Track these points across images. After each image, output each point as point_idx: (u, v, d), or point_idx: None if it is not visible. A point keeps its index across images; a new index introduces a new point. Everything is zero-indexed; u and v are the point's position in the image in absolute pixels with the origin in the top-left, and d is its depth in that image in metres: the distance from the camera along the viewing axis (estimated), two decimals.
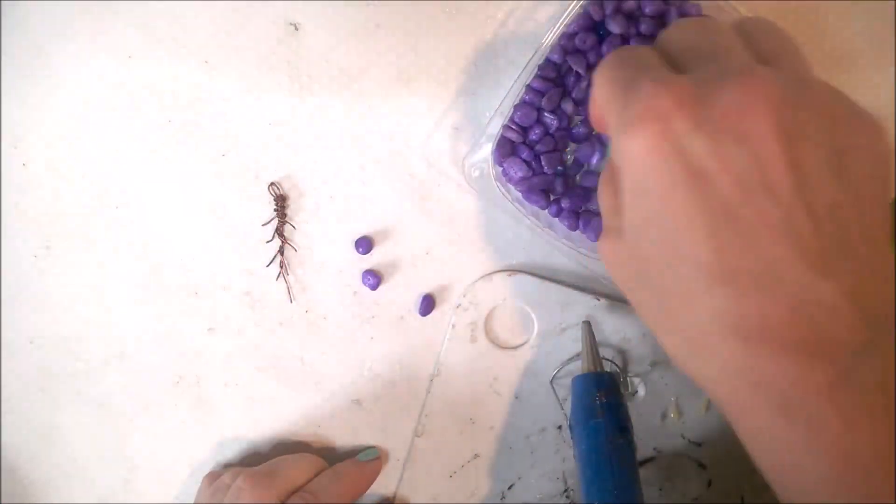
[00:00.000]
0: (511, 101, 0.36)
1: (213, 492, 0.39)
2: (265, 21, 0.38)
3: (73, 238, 0.40)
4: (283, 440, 0.43)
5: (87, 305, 0.41)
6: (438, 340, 0.41)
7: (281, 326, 0.41)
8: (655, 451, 0.42)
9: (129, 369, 0.42)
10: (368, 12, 0.38)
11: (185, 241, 0.41)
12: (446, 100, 0.39)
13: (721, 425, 0.41)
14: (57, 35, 0.38)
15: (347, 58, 0.39)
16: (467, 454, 0.42)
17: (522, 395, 0.42)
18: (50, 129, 0.39)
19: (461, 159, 0.38)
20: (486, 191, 0.38)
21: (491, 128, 0.37)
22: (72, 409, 0.42)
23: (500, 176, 0.37)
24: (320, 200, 0.40)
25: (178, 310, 0.41)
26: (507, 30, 0.38)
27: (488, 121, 0.37)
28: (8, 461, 0.42)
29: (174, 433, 0.42)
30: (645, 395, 0.41)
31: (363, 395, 0.42)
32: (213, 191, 0.40)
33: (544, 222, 0.38)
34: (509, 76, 0.38)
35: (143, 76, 0.39)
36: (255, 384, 0.42)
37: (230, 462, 0.43)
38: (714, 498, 0.42)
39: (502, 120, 0.36)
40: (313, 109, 0.39)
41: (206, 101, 0.39)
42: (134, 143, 0.39)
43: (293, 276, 0.41)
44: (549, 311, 0.41)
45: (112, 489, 0.43)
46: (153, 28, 0.38)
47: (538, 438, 0.42)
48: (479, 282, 0.41)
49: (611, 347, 0.41)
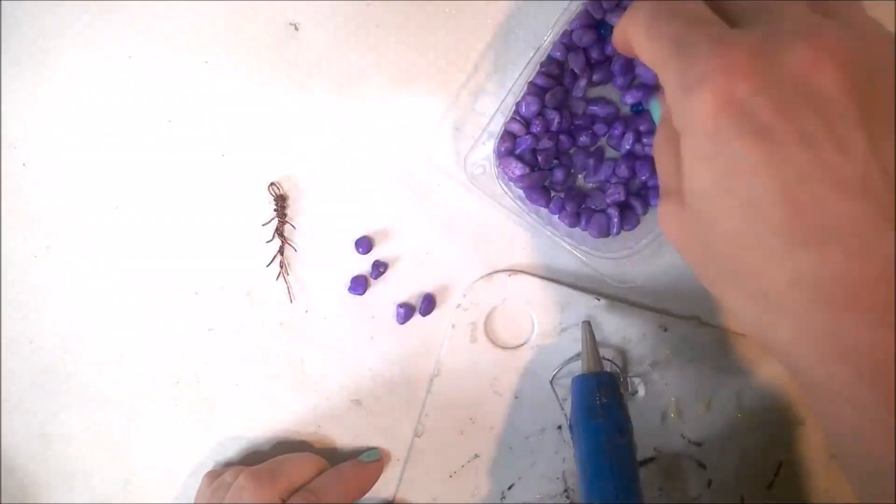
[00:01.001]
0: (513, 98, 0.36)
1: (213, 490, 0.39)
2: (265, 21, 0.38)
3: (73, 238, 0.40)
4: (283, 440, 0.43)
5: (87, 305, 0.41)
6: (438, 340, 0.41)
7: (281, 326, 0.41)
8: (655, 451, 0.42)
9: (129, 369, 0.42)
10: (368, 12, 0.38)
11: (185, 241, 0.41)
12: (446, 100, 0.39)
13: (721, 425, 0.41)
14: (57, 35, 0.38)
15: (347, 58, 0.39)
16: (467, 454, 0.42)
17: (522, 395, 0.42)
18: (50, 129, 0.39)
19: (463, 157, 0.38)
20: (487, 188, 0.38)
21: (493, 125, 0.37)
22: (72, 409, 0.42)
23: (502, 174, 0.37)
24: (320, 200, 0.40)
25: (178, 310, 0.41)
26: (507, 30, 0.38)
27: (490, 118, 0.37)
28: (8, 461, 0.42)
29: (174, 433, 0.42)
30: (645, 395, 0.41)
31: (363, 395, 0.42)
32: (213, 191, 0.40)
33: (545, 220, 0.38)
34: (509, 76, 0.38)
35: (143, 76, 0.39)
36: (255, 384, 0.42)
37: (230, 462, 0.43)
38: (714, 498, 0.42)
39: (504, 118, 0.36)
40: (313, 109, 0.39)
41: (206, 101, 0.39)
42: (134, 143, 0.39)
43: (293, 276, 0.41)
44: (549, 311, 0.41)
45: (112, 489, 0.43)
46: (153, 28, 0.38)
47: (538, 438, 0.42)
48: (479, 282, 0.41)
49: (611, 347, 0.41)
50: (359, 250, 0.40)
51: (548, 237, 0.38)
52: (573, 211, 0.38)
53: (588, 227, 0.37)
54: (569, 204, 0.38)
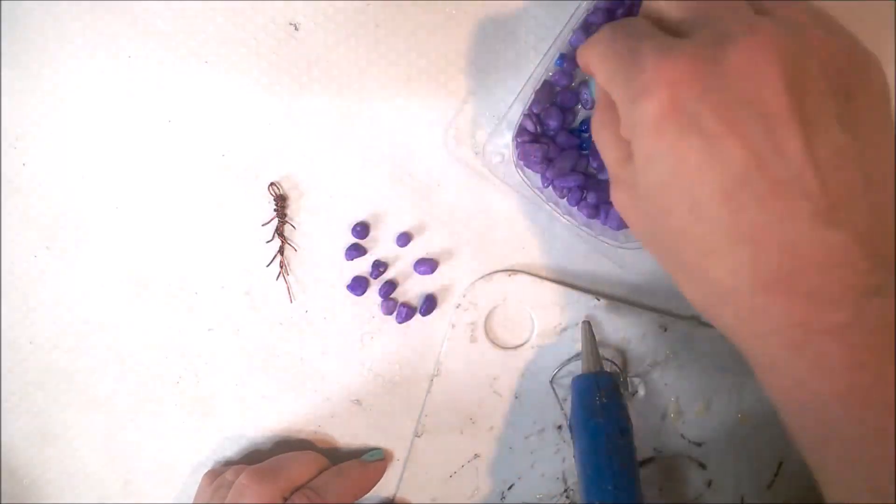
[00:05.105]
0: (532, 86, 0.36)
1: (214, 489, 0.39)
2: (265, 21, 0.38)
3: (73, 238, 0.40)
4: (283, 440, 0.43)
5: (87, 305, 0.41)
6: (438, 340, 0.41)
7: (281, 326, 0.41)
8: (655, 451, 0.42)
9: (129, 369, 0.42)
10: (368, 12, 0.38)
11: (185, 241, 0.41)
12: (446, 100, 0.39)
13: (721, 425, 0.41)
14: (57, 35, 0.38)
15: (347, 58, 0.39)
16: (467, 454, 0.42)
17: (522, 395, 0.42)
18: (50, 129, 0.39)
19: (481, 146, 0.38)
20: (507, 177, 0.38)
21: (511, 113, 0.37)
22: (72, 409, 0.42)
23: (519, 162, 0.37)
24: (320, 200, 0.40)
25: (178, 310, 0.41)
26: (508, 30, 0.38)
27: (509, 106, 0.37)
28: (8, 461, 0.42)
29: (174, 433, 0.42)
30: (645, 395, 0.41)
31: (363, 395, 0.42)
32: (213, 191, 0.40)
33: (563, 210, 0.38)
34: (511, 76, 0.38)
35: (143, 76, 0.39)
36: (255, 384, 0.42)
37: (230, 461, 0.43)
38: (714, 498, 0.42)
39: (522, 106, 0.36)
40: (314, 109, 0.39)
41: (206, 101, 0.39)
42: (134, 143, 0.39)
43: (293, 276, 0.41)
44: (549, 311, 0.41)
45: (112, 489, 0.43)
46: (153, 28, 0.38)
47: (538, 438, 0.42)
48: (479, 282, 0.41)
49: (611, 347, 0.41)
50: (359, 250, 0.40)
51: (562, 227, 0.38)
52: (593, 202, 0.38)
53: (608, 220, 0.37)
54: (590, 195, 0.38)
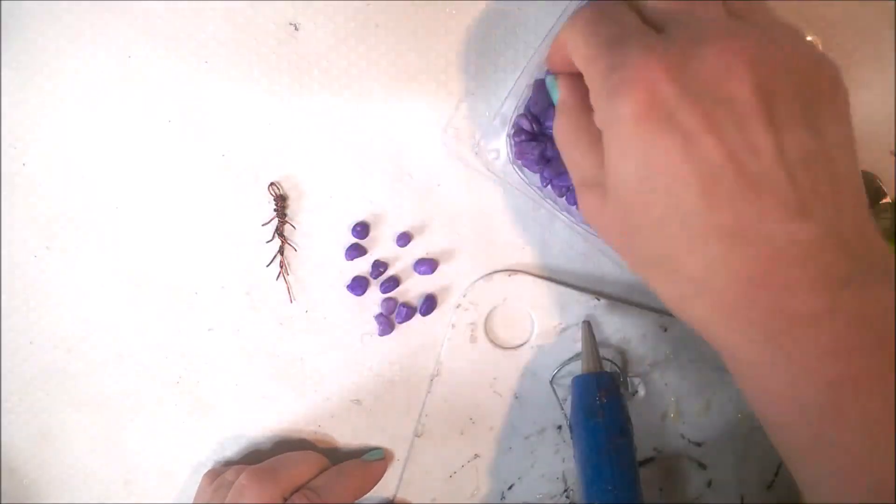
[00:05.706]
0: (525, 81, 0.36)
1: (215, 489, 0.39)
2: (265, 21, 0.38)
3: (73, 238, 0.40)
4: (283, 440, 0.43)
5: (87, 305, 0.41)
6: (438, 340, 0.41)
7: (281, 326, 0.41)
8: (655, 451, 0.42)
9: (129, 369, 0.42)
10: (368, 12, 0.38)
11: (185, 241, 0.40)
12: (446, 100, 0.39)
13: (721, 425, 0.41)
14: (57, 35, 0.38)
15: (347, 58, 0.39)
16: (467, 454, 0.42)
17: (522, 395, 0.42)
18: (50, 129, 0.39)
19: (476, 143, 0.38)
20: (506, 175, 0.38)
21: (505, 108, 0.36)
22: (72, 409, 0.42)
23: (517, 160, 0.37)
24: (320, 200, 0.40)
25: (178, 310, 0.41)
26: (508, 30, 0.38)
27: (502, 101, 0.37)
28: (8, 461, 0.42)
29: (174, 433, 0.42)
30: (645, 395, 0.41)
31: (363, 395, 0.42)
32: (213, 191, 0.40)
33: (562, 207, 0.38)
34: (510, 76, 0.38)
35: (143, 76, 0.39)
36: (255, 384, 0.42)
37: (230, 461, 0.43)
38: (714, 498, 0.42)
39: (516, 102, 0.36)
40: (313, 109, 0.39)
41: (206, 101, 0.39)
42: (134, 143, 0.39)
43: (293, 276, 0.41)
44: (549, 311, 0.41)
45: (112, 489, 0.43)
46: (153, 28, 0.38)
47: (538, 438, 0.42)
48: (479, 282, 0.41)
49: (611, 347, 0.41)
50: (359, 250, 0.40)
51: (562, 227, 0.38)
52: None
53: None
54: None
